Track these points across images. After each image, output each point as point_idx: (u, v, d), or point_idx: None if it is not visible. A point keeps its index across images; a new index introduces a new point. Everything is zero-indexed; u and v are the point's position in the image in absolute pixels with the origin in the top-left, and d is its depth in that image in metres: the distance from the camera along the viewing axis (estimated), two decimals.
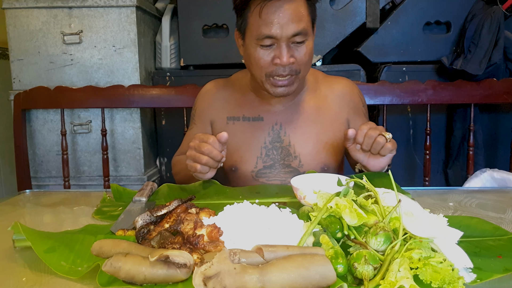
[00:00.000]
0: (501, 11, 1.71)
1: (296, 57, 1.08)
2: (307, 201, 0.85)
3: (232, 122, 1.24)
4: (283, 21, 1.03)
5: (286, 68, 1.08)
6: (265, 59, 1.08)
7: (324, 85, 1.26)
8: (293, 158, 1.21)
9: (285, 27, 1.04)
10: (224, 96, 1.28)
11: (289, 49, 1.07)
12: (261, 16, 1.04)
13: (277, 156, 1.21)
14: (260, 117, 1.23)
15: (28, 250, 0.75)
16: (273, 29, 1.04)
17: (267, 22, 1.04)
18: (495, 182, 1.39)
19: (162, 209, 0.82)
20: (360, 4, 1.87)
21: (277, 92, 1.12)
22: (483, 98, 1.71)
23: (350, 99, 1.25)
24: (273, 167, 1.21)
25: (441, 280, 0.58)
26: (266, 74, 1.10)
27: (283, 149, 1.21)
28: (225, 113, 1.26)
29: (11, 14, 1.84)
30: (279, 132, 1.21)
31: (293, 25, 1.04)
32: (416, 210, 0.73)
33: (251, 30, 1.08)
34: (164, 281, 0.60)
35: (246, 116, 1.23)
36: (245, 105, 1.24)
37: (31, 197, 1.19)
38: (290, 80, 1.10)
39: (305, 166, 1.20)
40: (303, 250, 0.62)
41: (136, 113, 1.89)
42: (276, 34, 1.04)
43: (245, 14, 1.10)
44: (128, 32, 1.84)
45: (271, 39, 1.06)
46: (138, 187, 1.20)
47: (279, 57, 1.06)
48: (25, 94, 1.80)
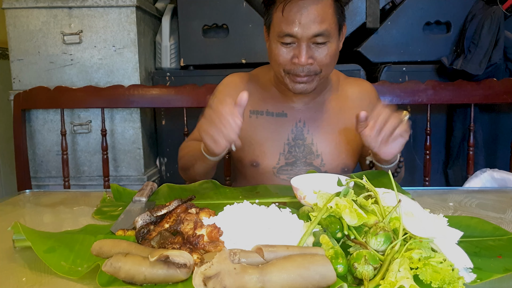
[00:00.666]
0: (501, 11, 1.71)
1: (316, 57, 1.08)
2: (307, 201, 0.85)
3: (255, 116, 1.23)
4: (304, 21, 1.03)
5: (305, 68, 1.08)
6: (284, 57, 1.09)
7: (346, 86, 1.27)
8: (315, 156, 1.20)
9: (306, 27, 1.04)
10: (247, 88, 1.24)
11: (309, 49, 1.07)
12: (283, 13, 1.05)
13: (299, 153, 1.20)
14: (284, 113, 1.22)
15: (28, 250, 0.75)
16: (293, 28, 1.04)
17: (289, 20, 1.04)
18: (495, 182, 1.39)
19: (162, 209, 0.82)
20: (360, 4, 1.87)
21: (296, 88, 1.12)
22: (483, 98, 1.71)
23: (370, 102, 1.25)
24: (294, 164, 1.20)
25: (441, 280, 0.58)
26: (284, 70, 1.11)
27: (305, 147, 1.20)
28: (248, 106, 1.20)
29: (11, 14, 1.84)
30: (302, 130, 1.21)
31: (314, 25, 1.04)
32: (416, 210, 0.73)
33: (274, 26, 1.10)
34: (164, 281, 0.60)
35: (270, 111, 1.23)
36: (269, 100, 1.24)
37: (31, 197, 1.19)
38: (309, 78, 1.10)
39: (326, 165, 1.20)
40: (303, 250, 0.62)
41: (136, 113, 1.89)
42: (296, 33, 1.05)
43: (271, 10, 1.11)
44: (128, 32, 1.84)
45: (291, 38, 1.06)
46: (138, 187, 1.19)
47: (297, 57, 1.07)
48: (25, 94, 1.80)
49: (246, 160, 1.23)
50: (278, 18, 1.07)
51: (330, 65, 1.12)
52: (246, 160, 1.23)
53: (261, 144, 1.21)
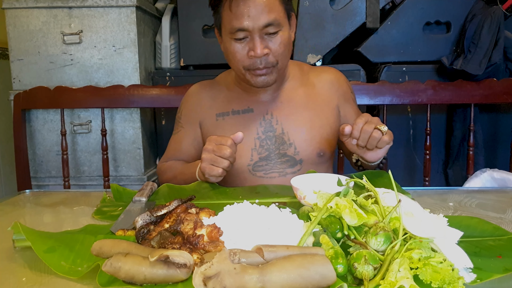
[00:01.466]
0: (501, 11, 1.71)
1: (271, 48, 1.09)
2: (307, 201, 0.84)
3: (221, 118, 1.24)
4: (253, 13, 1.05)
5: (262, 60, 1.09)
6: (240, 53, 1.10)
7: (311, 74, 1.27)
8: (288, 145, 1.20)
9: (255, 19, 1.05)
10: (211, 94, 1.28)
11: (263, 40, 1.08)
12: (231, 9, 1.06)
13: (271, 146, 1.20)
14: (249, 108, 1.22)
15: (28, 250, 0.75)
16: (243, 21, 1.05)
17: (238, 15, 1.06)
18: (495, 182, 1.39)
19: (162, 209, 0.82)
20: (360, 4, 1.87)
21: (257, 81, 1.13)
22: (483, 98, 1.71)
23: (339, 86, 1.26)
24: (269, 158, 1.20)
25: (441, 280, 0.58)
26: (243, 67, 1.12)
27: (277, 138, 1.20)
28: (214, 110, 1.25)
29: (11, 14, 1.84)
30: (270, 121, 1.21)
31: (263, 15, 1.05)
32: (416, 210, 0.73)
33: (225, 25, 1.11)
34: (164, 281, 0.60)
35: (236, 110, 1.23)
36: (233, 100, 1.25)
37: (31, 197, 1.19)
38: (268, 70, 1.11)
39: (301, 152, 1.20)
40: (303, 250, 0.62)
41: (136, 113, 1.89)
42: (247, 26, 1.06)
43: (218, 9, 1.12)
44: (128, 32, 1.84)
45: (243, 32, 1.07)
46: (138, 187, 1.20)
47: (253, 49, 1.08)
48: (25, 94, 1.80)
49: None
50: (227, 15, 1.08)
51: (285, 54, 1.13)
52: None
53: None
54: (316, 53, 1.92)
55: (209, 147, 1.02)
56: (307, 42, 1.91)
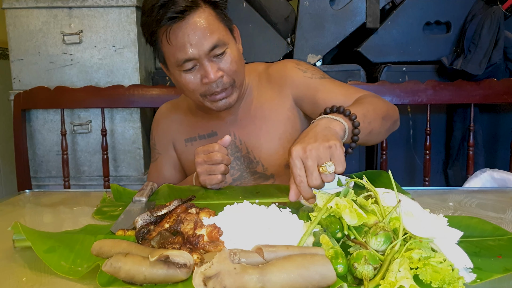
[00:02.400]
0: (501, 11, 1.71)
1: (223, 68, 1.03)
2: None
3: (190, 143, 1.22)
4: (194, 40, 0.99)
5: (218, 83, 1.03)
6: (193, 82, 1.04)
7: (263, 78, 1.21)
8: (256, 164, 1.17)
9: (199, 45, 0.99)
10: (177, 118, 1.26)
11: (213, 64, 1.02)
12: (171, 42, 1.00)
13: (241, 166, 1.18)
14: (214, 132, 1.20)
15: (28, 250, 0.75)
16: (188, 51, 0.99)
17: (179, 46, 1.00)
18: (495, 182, 1.39)
19: (162, 209, 0.82)
20: (360, 4, 1.87)
21: (219, 106, 1.08)
22: (483, 98, 1.70)
23: (287, 77, 1.17)
24: (242, 177, 1.18)
25: (441, 280, 0.58)
26: (200, 94, 1.06)
27: (244, 158, 1.18)
28: (182, 135, 1.23)
29: (11, 14, 1.84)
30: (235, 142, 1.18)
31: (206, 39, 0.99)
32: (416, 210, 0.73)
33: (169, 58, 1.05)
34: (164, 281, 0.60)
35: (201, 134, 1.21)
36: (197, 124, 1.22)
37: (31, 197, 1.19)
38: (227, 92, 1.06)
39: (269, 168, 1.16)
40: (303, 250, 0.62)
41: (136, 113, 1.89)
42: (193, 55, 1.00)
43: (157, 45, 1.05)
44: (128, 32, 1.84)
45: (191, 62, 1.01)
46: (138, 187, 1.19)
47: (206, 76, 1.02)
48: (25, 94, 1.80)
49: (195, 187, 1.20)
50: (169, 49, 1.02)
51: (239, 71, 1.07)
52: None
53: None
54: (316, 53, 1.92)
55: (199, 159, 1.00)
56: (307, 42, 1.91)
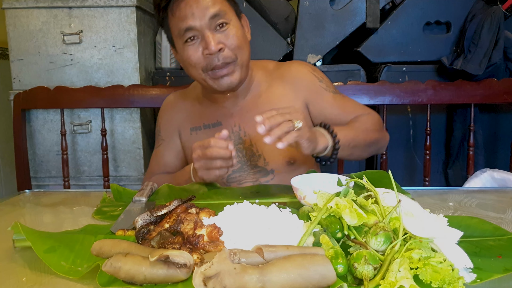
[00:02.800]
0: (501, 11, 1.71)
1: (224, 42, 1.06)
2: (307, 201, 0.85)
3: (195, 132, 1.23)
4: (196, 10, 1.04)
5: (219, 56, 1.06)
6: (195, 55, 1.07)
7: (275, 75, 1.22)
8: (258, 157, 1.17)
9: (200, 14, 1.04)
10: (184, 107, 1.27)
11: (214, 35, 1.05)
12: (174, 14, 1.06)
13: (242, 158, 1.18)
14: (218, 122, 1.20)
15: (28, 250, 0.75)
16: (189, 20, 1.04)
17: (182, 16, 1.05)
18: (495, 182, 1.39)
19: (162, 209, 0.82)
20: (360, 4, 1.87)
21: (221, 84, 1.09)
22: (483, 98, 1.70)
23: (303, 80, 1.20)
24: (242, 169, 1.18)
25: (441, 280, 0.58)
26: (202, 69, 1.08)
27: (246, 150, 1.18)
28: (188, 124, 1.24)
29: (11, 14, 1.84)
30: (239, 134, 1.18)
31: (207, 9, 1.04)
32: (416, 210, 0.73)
33: (174, 33, 1.09)
34: (164, 281, 0.60)
35: (206, 124, 1.22)
36: (204, 113, 1.23)
37: (31, 197, 1.19)
38: (229, 68, 1.08)
39: (270, 163, 1.17)
40: (303, 250, 0.62)
41: (136, 113, 1.89)
42: (194, 24, 1.04)
43: (165, 21, 1.11)
44: (128, 32, 1.84)
45: (192, 31, 1.05)
46: (138, 187, 1.20)
47: (206, 47, 1.05)
48: (25, 94, 1.80)
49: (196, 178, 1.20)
50: (173, 21, 1.08)
51: (242, 47, 1.09)
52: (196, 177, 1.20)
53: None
54: (316, 53, 1.92)
55: (195, 155, 1.00)
56: (307, 42, 1.91)
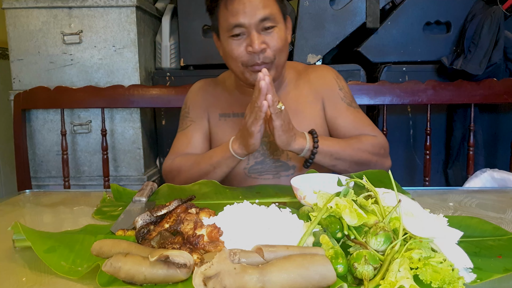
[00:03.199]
0: (501, 11, 1.71)
1: (268, 43, 1.10)
2: (307, 201, 0.85)
3: (224, 119, 1.25)
4: (248, 9, 1.07)
5: (260, 55, 1.10)
6: (238, 49, 1.11)
7: (303, 76, 1.27)
8: (281, 152, 1.21)
9: (251, 14, 1.07)
10: (215, 93, 1.29)
11: (259, 35, 1.09)
12: (227, 8, 1.09)
13: (266, 151, 1.21)
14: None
15: (28, 250, 0.75)
16: (240, 17, 1.07)
17: (234, 12, 1.08)
18: (495, 182, 1.39)
19: (162, 209, 0.82)
20: (360, 4, 1.87)
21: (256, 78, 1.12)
22: (483, 98, 1.71)
23: (324, 83, 1.25)
24: (264, 162, 1.21)
25: (441, 280, 0.58)
26: (242, 63, 1.12)
27: (271, 144, 1.21)
28: (217, 110, 1.26)
29: (11, 14, 1.84)
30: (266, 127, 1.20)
31: (259, 10, 1.07)
32: (416, 210, 0.73)
33: (222, 25, 1.13)
34: (164, 281, 0.60)
35: (236, 113, 1.25)
36: (234, 103, 1.25)
37: (31, 197, 1.19)
38: (266, 66, 1.11)
39: (293, 159, 1.20)
40: (303, 250, 0.62)
41: (136, 113, 1.89)
42: (243, 22, 1.08)
43: (215, 12, 1.14)
44: (128, 32, 1.84)
45: (240, 28, 1.09)
46: (138, 187, 1.19)
47: (251, 45, 1.09)
48: (25, 94, 1.80)
49: None
50: (224, 14, 1.11)
51: (282, 51, 1.13)
52: None
53: None
54: (316, 53, 1.92)
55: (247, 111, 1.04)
56: (307, 42, 1.91)
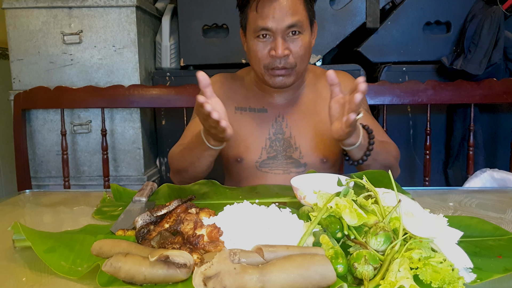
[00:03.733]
0: (501, 11, 1.71)
1: (292, 49, 1.13)
2: (307, 201, 0.85)
3: (239, 112, 1.28)
4: (277, 14, 1.09)
5: (282, 60, 1.12)
6: (262, 52, 1.14)
7: (323, 79, 1.28)
8: (294, 149, 1.24)
9: (279, 20, 1.10)
10: (232, 87, 1.31)
11: (284, 41, 1.12)
12: (257, 10, 1.11)
13: (279, 147, 1.24)
14: (264, 109, 1.26)
15: (28, 250, 0.75)
16: (268, 21, 1.10)
17: (263, 15, 1.10)
18: (495, 182, 1.39)
19: (162, 209, 0.82)
20: (360, 4, 1.87)
21: (275, 82, 1.17)
22: (483, 98, 1.70)
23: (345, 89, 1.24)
24: (276, 158, 1.24)
25: (441, 280, 0.58)
26: (264, 66, 1.15)
27: (285, 140, 1.24)
28: (233, 103, 1.28)
29: (11, 14, 1.84)
30: (281, 124, 1.25)
31: (287, 17, 1.10)
32: (416, 210, 0.73)
33: (250, 24, 1.15)
34: (164, 281, 0.60)
35: (252, 107, 1.27)
36: (251, 97, 1.28)
37: (31, 197, 1.19)
38: (286, 71, 1.15)
39: (305, 157, 1.23)
40: (303, 250, 0.62)
41: (136, 113, 1.89)
42: (271, 27, 1.10)
43: (245, 10, 1.17)
44: (128, 32, 1.84)
45: (267, 31, 1.12)
46: (138, 187, 1.19)
47: (274, 49, 1.11)
48: (25, 94, 1.80)
49: (231, 156, 1.27)
50: (253, 15, 1.13)
51: (304, 58, 1.16)
52: (231, 156, 1.27)
53: (245, 139, 1.25)
54: (316, 53, 1.92)
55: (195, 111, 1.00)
56: None
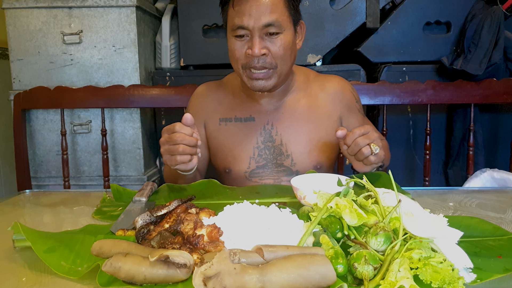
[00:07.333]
0: (501, 11, 1.71)
1: (270, 49, 1.08)
2: (307, 201, 0.85)
3: (224, 123, 1.24)
4: (255, 12, 1.06)
5: (260, 60, 1.08)
6: (239, 50, 1.10)
7: (316, 84, 1.26)
8: (285, 157, 1.20)
9: (256, 18, 1.06)
10: (216, 97, 1.28)
11: (262, 40, 1.08)
12: (234, 7, 1.08)
13: (269, 155, 1.21)
14: (251, 117, 1.23)
15: (28, 250, 0.75)
16: (244, 19, 1.06)
17: (239, 12, 1.07)
18: (495, 182, 1.39)
19: (162, 209, 0.82)
20: (360, 4, 1.87)
21: (254, 85, 1.13)
22: (483, 98, 1.70)
23: (343, 97, 1.25)
24: (266, 166, 1.21)
25: (441, 280, 0.58)
26: (242, 65, 1.12)
27: (275, 148, 1.21)
28: (218, 114, 1.26)
29: (11, 14, 1.84)
30: (270, 132, 1.21)
31: (264, 15, 1.06)
32: (416, 210, 0.73)
33: (229, 22, 1.12)
34: (164, 281, 0.60)
35: (238, 117, 1.24)
36: (237, 106, 1.25)
37: (31, 197, 1.19)
38: (266, 74, 1.11)
39: (297, 164, 1.20)
40: (303, 250, 0.62)
41: (136, 113, 1.89)
42: (247, 24, 1.07)
43: (225, 8, 1.13)
44: (128, 32, 1.84)
45: (244, 30, 1.08)
46: (138, 187, 1.20)
47: (251, 48, 1.08)
48: (25, 94, 1.80)
49: (219, 167, 1.25)
50: (231, 13, 1.10)
51: (285, 58, 1.11)
52: (219, 167, 1.25)
53: (232, 151, 1.22)
54: (316, 53, 1.92)
55: (162, 139, 0.97)
56: (307, 42, 1.91)
